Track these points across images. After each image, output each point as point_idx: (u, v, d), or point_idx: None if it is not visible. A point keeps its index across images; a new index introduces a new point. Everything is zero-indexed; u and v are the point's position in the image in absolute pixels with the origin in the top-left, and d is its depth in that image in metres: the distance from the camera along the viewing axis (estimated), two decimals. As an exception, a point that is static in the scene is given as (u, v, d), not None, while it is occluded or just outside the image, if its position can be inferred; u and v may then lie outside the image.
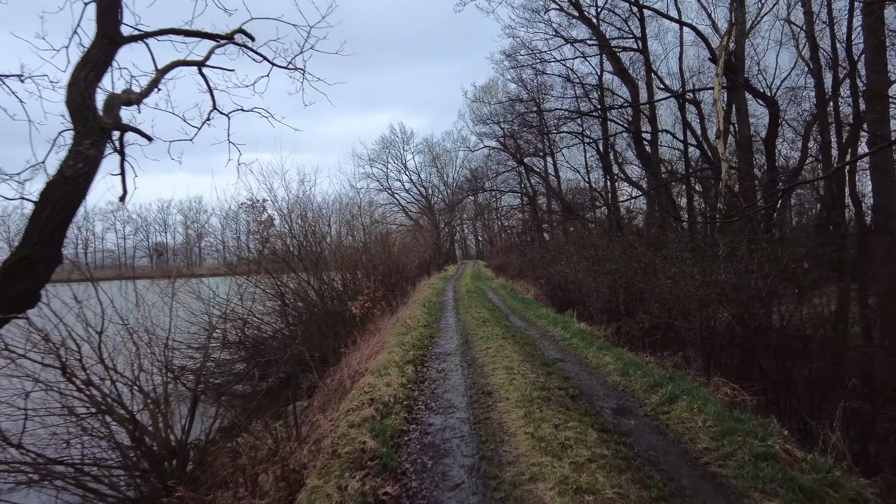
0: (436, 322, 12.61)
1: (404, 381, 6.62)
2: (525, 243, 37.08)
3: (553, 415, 5.02)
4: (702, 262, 8.45)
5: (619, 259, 9.96)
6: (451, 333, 10.78)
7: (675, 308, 7.81)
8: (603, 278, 10.28)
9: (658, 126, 19.02)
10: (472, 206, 60.49)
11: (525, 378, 6.45)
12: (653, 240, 11.22)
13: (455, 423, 5.15)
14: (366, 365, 8.67)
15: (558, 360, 7.79)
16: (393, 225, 45.97)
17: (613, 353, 7.71)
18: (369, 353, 9.58)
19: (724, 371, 6.73)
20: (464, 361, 7.93)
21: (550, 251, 17.11)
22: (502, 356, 7.79)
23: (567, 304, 14.04)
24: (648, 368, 6.74)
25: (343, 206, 17.28)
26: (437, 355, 8.67)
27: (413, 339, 9.59)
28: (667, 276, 8.30)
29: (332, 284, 14.84)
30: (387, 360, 7.95)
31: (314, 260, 12.94)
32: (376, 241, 20.43)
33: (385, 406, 5.59)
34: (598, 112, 20.79)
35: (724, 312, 7.34)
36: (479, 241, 75.98)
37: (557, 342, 9.19)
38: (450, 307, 15.82)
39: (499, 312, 13.73)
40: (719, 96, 13.10)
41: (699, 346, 7.24)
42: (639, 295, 9.55)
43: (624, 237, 11.41)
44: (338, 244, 15.54)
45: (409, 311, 14.04)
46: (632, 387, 6.15)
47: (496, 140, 39.19)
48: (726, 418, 4.72)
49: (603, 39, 19.87)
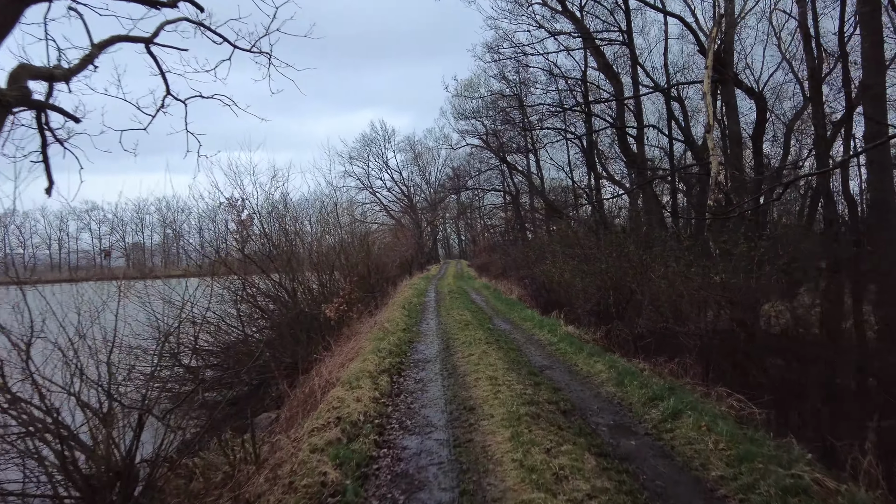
0: (416, 325, 11.95)
1: (377, 394, 5.95)
2: (508, 242, 36.58)
3: (544, 436, 4.41)
4: (699, 261, 7.93)
5: (607, 258, 9.43)
6: (432, 338, 10.14)
7: (670, 311, 7.28)
8: (591, 278, 9.74)
9: (644, 121, 18.55)
10: (454, 205, 59.91)
11: (511, 390, 5.84)
12: (643, 238, 10.72)
13: (433, 446, 4.51)
14: (338, 374, 7.99)
15: (546, 367, 7.20)
16: (374, 224, 45.19)
17: (605, 359, 7.15)
18: (343, 360, 8.89)
19: (726, 380, 6.20)
20: (444, 370, 7.29)
21: (535, 250, 16.56)
22: (486, 364, 7.17)
23: (552, 306, 13.51)
24: (644, 378, 6.18)
25: (319, 203, 16.50)
26: (416, 363, 8.02)
27: (390, 345, 8.93)
28: (659, 275, 7.78)
29: (307, 285, 14.09)
30: (360, 368, 7.28)
31: (286, 260, 12.16)
32: (356, 239, 19.68)
33: (353, 426, 4.92)
34: (582, 107, 20.29)
35: (724, 315, 6.82)
36: (461, 241, 75.45)
37: (544, 347, 8.61)
38: (431, 309, 15.17)
39: (482, 314, 13.13)
40: (709, 89, 12.69)
41: (697, 352, 6.72)
42: (629, 296, 9.02)
43: (613, 235, 10.89)
44: (312, 243, 14.75)
45: (388, 314, 13.36)
46: (628, 399, 5.58)
47: (478, 138, 38.64)
48: (740, 439, 4.16)
49: (587, 33, 19.41)
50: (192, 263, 12.60)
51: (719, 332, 6.68)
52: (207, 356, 11.58)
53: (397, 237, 36.15)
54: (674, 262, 7.96)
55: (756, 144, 16.18)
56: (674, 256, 8.20)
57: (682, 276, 7.47)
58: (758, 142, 16.22)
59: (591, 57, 21.99)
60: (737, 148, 13.55)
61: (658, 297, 7.78)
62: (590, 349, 7.77)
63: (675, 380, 6.39)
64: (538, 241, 19.20)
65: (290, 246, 12.98)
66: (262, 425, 8.95)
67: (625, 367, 6.63)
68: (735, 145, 13.54)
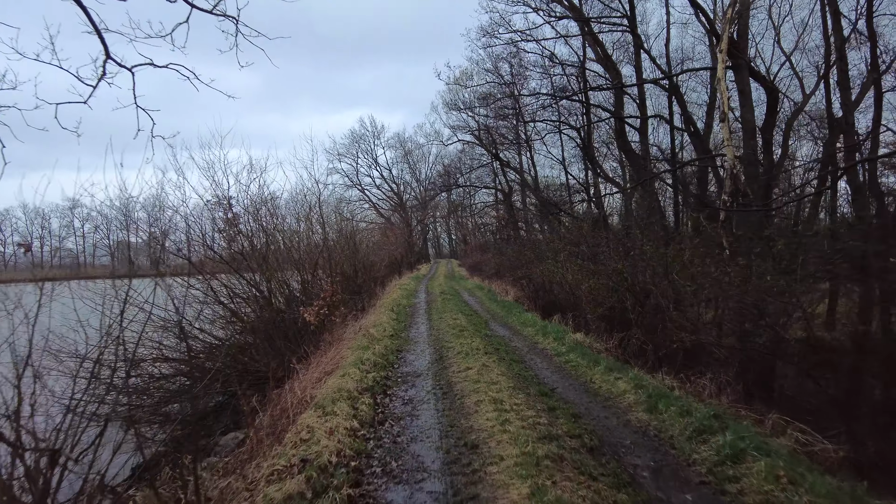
0: (405, 331, 10.83)
1: (356, 424, 4.83)
2: (502, 241, 35.55)
3: (573, 490, 3.32)
4: (735, 260, 6.90)
5: (620, 257, 8.39)
6: (423, 346, 9.02)
7: (703, 318, 6.23)
8: (602, 279, 8.67)
9: (647, 112, 17.52)
10: (445, 203, 58.80)
11: (521, 418, 4.74)
12: (659, 235, 9.68)
13: (425, 501, 3.41)
14: (313, 391, 6.86)
15: (558, 385, 6.12)
16: (363, 223, 43.87)
17: (626, 375, 6.07)
18: (321, 372, 7.75)
19: (776, 403, 5.16)
20: (438, 387, 6.18)
21: (533, 249, 15.45)
22: (487, 380, 6.06)
23: (553, 309, 12.46)
24: (679, 400, 5.12)
25: (301, 197, 15.29)
26: (405, 377, 6.90)
27: (375, 356, 7.80)
28: (687, 276, 6.74)
29: (288, 286, 12.91)
30: (338, 386, 6.15)
31: (261, 258, 10.97)
32: (342, 237, 18.49)
33: (323, 473, 3.79)
34: (580, 95, 19.24)
35: (767, 323, 5.78)
36: (452, 240, 74.33)
37: (551, 359, 7.52)
38: (421, 312, 14.04)
39: (477, 318, 12.03)
40: (723, 75, 11.69)
41: (738, 367, 5.67)
42: (645, 299, 7.97)
43: (629, 231, 9.86)
44: (292, 239, 13.55)
45: (374, 317, 12.22)
46: (667, 430, 4.51)
47: (470, 133, 37.63)
48: (838, 496, 3.11)
49: (584, 18, 18.38)
50: (159, 262, 11.34)
51: (764, 343, 5.63)
52: (182, 363, 10.38)
53: (386, 236, 34.99)
54: (705, 260, 6.92)
55: (766, 136, 15.23)
56: (701, 255, 7.15)
57: (716, 278, 6.41)
58: (767, 134, 15.27)
59: (589, 47, 21.03)
60: (751, 139, 12.56)
61: (682, 301, 6.72)
62: (606, 362, 6.68)
63: (716, 403, 5.34)
64: (537, 239, 18.09)
65: (266, 242, 11.78)
66: (227, 447, 7.80)
67: (654, 387, 5.56)
68: (749, 137, 12.56)
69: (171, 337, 10.30)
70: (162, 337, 9.87)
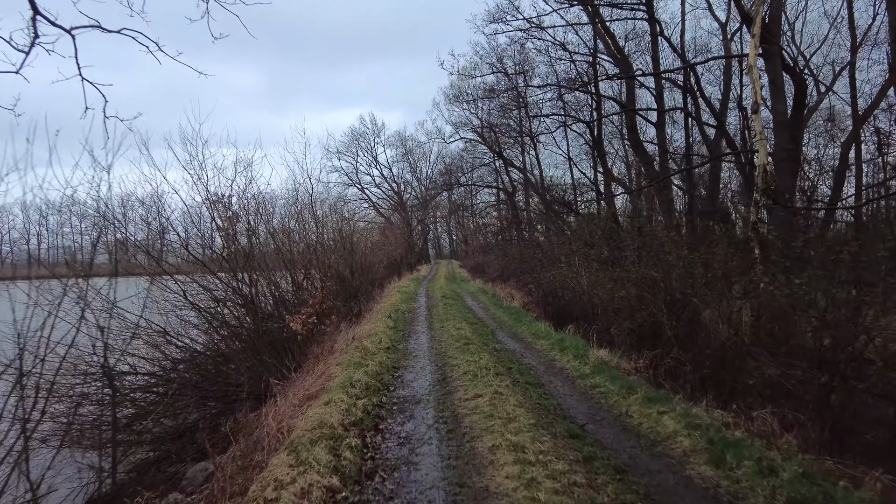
0: (403, 342, 9.72)
1: (336, 482, 3.72)
2: (505, 242, 34.45)
3: None
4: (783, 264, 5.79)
5: (652, 262, 7.28)
6: (423, 362, 7.92)
7: (766, 340, 5.13)
8: (632, 288, 7.53)
9: (664, 105, 16.39)
10: (446, 203, 57.74)
11: (551, 474, 3.64)
12: (698, 236, 8.58)
13: None
14: (292, 420, 5.77)
15: (589, 420, 5.01)
16: (362, 222, 42.70)
17: (671, 408, 4.97)
18: (303, 396, 6.65)
19: (873, 452, 4.05)
20: (441, 421, 5.08)
21: (544, 251, 14.27)
22: (502, 415, 4.95)
23: (564, 317, 11.35)
24: (750, 448, 4.02)
25: (292, 194, 14.19)
26: (401, 405, 5.80)
27: (368, 376, 6.70)
28: (750, 286, 5.63)
29: (278, 287, 11.80)
30: (320, 419, 5.06)
31: (243, 258, 9.86)
32: (339, 236, 17.38)
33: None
34: (591, 86, 18.12)
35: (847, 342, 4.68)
36: (453, 240, 73.24)
37: (574, 382, 6.41)
38: (422, 318, 12.94)
39: (483, 327, 10.93)
40: (755, 62, 10.57)
41: (815, 403, 4.56)
42: (682, 311, 6.86)
43: (647, 232, 8.77)
44: (282, 239, 12.44)
45: (370, 326, 11.12)
46: (747, 497, 3.40)
47: (473, 131, 36.53)
48: None
49: (596, 8, 17.30)
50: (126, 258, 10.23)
51: (846, 370, 4.52)
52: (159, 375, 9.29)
53: (385, 235, 33.86)
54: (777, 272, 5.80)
55: (794, 132, 14.12)
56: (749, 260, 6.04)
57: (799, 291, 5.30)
58: (796, 129, 14.16)
59: (599, 40, 19.94)
60: (783, 133, 11.48)
61: (731, 317, 5.61)
62: (642, 389, 5.57)
63: (789, 446, 4.22)
64: (547, 241, 16.94)
65: (250, 240, 10.67)
66: (195, 481, 6.73)
67: (709, 426, 4.45)
68: (782, 130, 11.48)
69: (143, 345, 9.25)
70: (132, 346, 8.77)
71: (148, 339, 9.15)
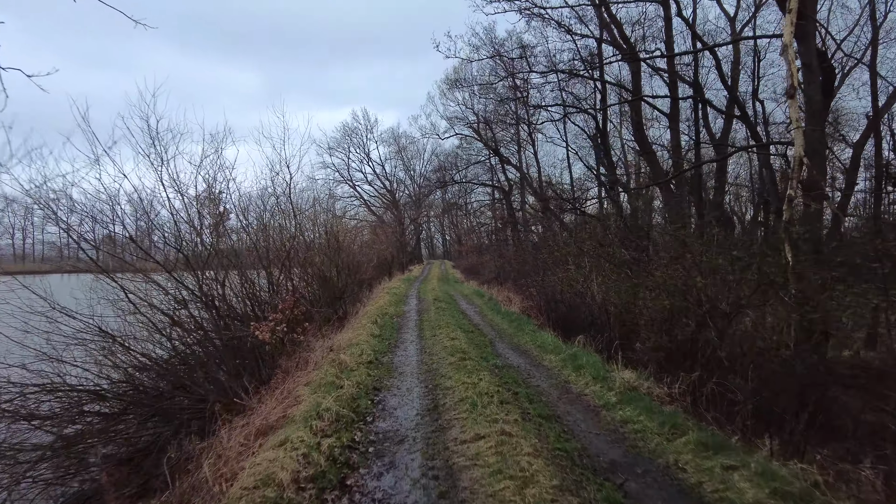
0: (388, 353, 8.41)
1: None
2: (501, 242, 33.19)
3: None
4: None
5: (689, 266, 6.01)
6: (410, 381, 6.61)
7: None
8: (665, 298, 6.22)
9: (678, 93, 15.13)
10: (439, 202, 56.34)
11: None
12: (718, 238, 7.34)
13: None
14: (237, 465, 4.45)
15: (630, 477, 3.73)
16: (353, 220, 41.14)
17: (738, 459, 3.71)
18: (259, 427, 5.31)
19: None
20: (431, 477, 3.77)
21: (550, 252, 12.93)
22: (513, 471, 3.65)
23: (569, 324, 10.08)
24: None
25: (267, 185, 12.79)
26: (380, 446, 4.48)
27: (340, 403, 5.38)
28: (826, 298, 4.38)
29: (253, 289, 10.43)
30: (266, 472, 3.76)
31: (203, 255, 8.50)
32: (326, 231, 16.02)
33: None
34: (595, 72, 16.87)
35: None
36: (446, 240, 71.89)
37: (598, 414, 5.11)
38: (411, 325, 11.61)
39: (480, 336, 9.63)
40: (790, 41, 9.32)
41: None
42: (727, 325, 5.59)
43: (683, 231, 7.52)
44: (257, 235, 11.07)
45: (352, 333, 9.78)
46: None
47: (469, 126, 35.21)
48: None
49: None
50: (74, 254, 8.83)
51: None
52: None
53: (376, 234, 32.48)
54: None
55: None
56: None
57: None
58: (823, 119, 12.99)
59: (604, 29, 18.73)
60: (818, 121, 10.27)
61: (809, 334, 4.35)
62: (695, 432, 4.28)
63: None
64: (552, 240, 15.63)
65: (215, 233, 9.30)
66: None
67: (799, 493, 3.19)
68: (816, 118, 10.27)
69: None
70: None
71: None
